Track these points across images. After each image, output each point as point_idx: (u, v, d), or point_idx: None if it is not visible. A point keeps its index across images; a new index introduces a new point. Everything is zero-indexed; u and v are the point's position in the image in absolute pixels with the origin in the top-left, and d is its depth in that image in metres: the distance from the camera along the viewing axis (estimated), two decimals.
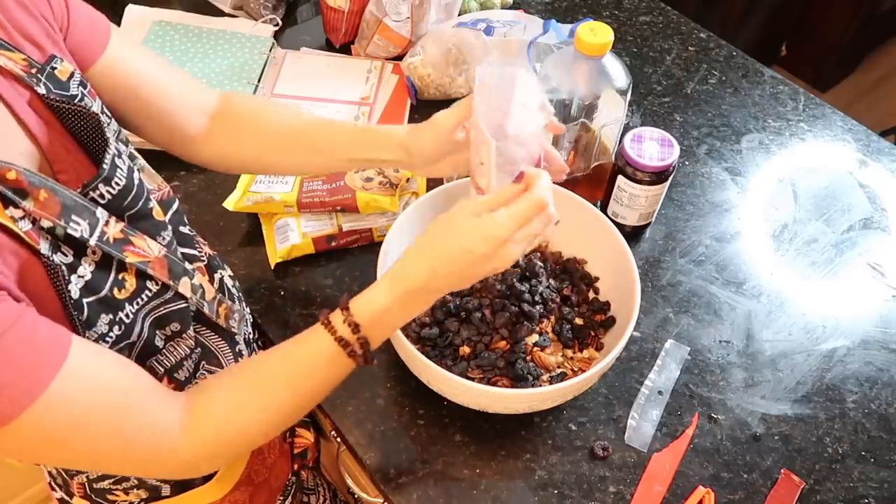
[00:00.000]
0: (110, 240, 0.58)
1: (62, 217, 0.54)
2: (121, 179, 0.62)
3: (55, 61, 0.61)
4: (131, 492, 0.75)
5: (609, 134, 0.94)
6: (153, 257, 0.62)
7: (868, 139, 1.14)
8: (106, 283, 0.58)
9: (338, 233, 0.95)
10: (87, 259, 0.57)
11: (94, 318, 0.57)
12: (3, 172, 0.51)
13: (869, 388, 0.87)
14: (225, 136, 0.80)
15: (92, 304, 0.57)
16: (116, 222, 0.60)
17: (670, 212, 1.03)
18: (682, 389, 0.86)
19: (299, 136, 0.80)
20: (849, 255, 1.00)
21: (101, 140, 0.62)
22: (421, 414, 0.83)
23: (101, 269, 0.58)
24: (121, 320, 0.60)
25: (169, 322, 0.67)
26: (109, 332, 0.59)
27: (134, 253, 0.60)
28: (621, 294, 0.83)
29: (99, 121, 0.61)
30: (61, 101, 0.59)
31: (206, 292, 0.72)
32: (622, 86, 0.88)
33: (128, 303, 0.60)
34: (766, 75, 1.23)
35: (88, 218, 0.57)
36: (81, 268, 0.56)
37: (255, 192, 0.96)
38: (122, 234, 0.60)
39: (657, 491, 0.78)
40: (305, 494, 0.99)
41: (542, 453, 0.81)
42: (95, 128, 0.62)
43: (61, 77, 0.61)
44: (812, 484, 0.79)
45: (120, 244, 0.59)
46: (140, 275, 0.62)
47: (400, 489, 0.78)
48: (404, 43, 1.18)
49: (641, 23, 1.31)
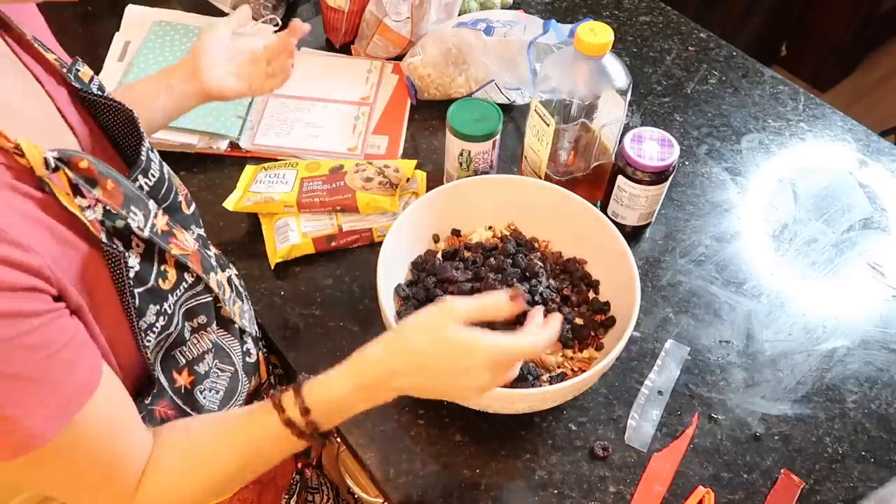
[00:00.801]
0: (159, 231, 0.59)
1: (124, 206, 0.55)
2: (155, 172, 0.63)
3: (78, 63, 0.63)
4: None
5: (609, 134, 0.94)
6: (191, 250, 0.64)
7: (868, 139, 1.14)
8: (151, 275, 0.59)
9: (338, 233, 0.95)
10: (133, 251, 0.57)
11: (144, 307, 0.58)
12: (76, 161, 0.52)
13: (869, 388, 0.87)
14: None
15: (142, 294, 0.58)
16: (162, 215, 0.61)
17: (670, 212, 1.03)
18: (682, 389, 0.86)
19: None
20: (849, 255, 1.00)
21: (134, 133, 0.64)
22: (421, 414, 0.83)
23: (146, 260, 0.59)
24: (164, 311, 0.61)
25: (196, 315, 0.68)
26: (156, 322, 0.60)
27: (176, 245, 0.62)
28: (621, 294, 0.83)
29: (132, 115, 0.63)
30: (95, 95, 0.61)
31: (226, 289, 0.74)
32: (622, 86, 0.88)
33: (170, 294, 0.62)
34: (766, 75, 1.23)
35: (143, 209, 0.58)
36: (131, 259, 0.57)
37: (255, 193, 0.96)
38: (167, 227, 0.61)
39: (657, 491, 0.78)
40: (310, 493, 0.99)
41: (542, 453, 0.81)
42: (128, 122, 0.63)
43: (84, 78, 0.63)
44: (812, 484, 0.79)
45: (166, 236, 0.61)
46: (178, 266, 0.63)
47: (400, 489, 0.78)
48: (404, 43, 1.18)
49: (641, 23, 1.31)
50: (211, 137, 1.06)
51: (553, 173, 0.97)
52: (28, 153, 0.49)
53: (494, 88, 1.11)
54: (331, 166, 0.98)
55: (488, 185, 0.91)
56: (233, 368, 0.76)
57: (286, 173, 0.98)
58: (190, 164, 1.05)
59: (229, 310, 0.74)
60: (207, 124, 1.06)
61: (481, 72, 1.10)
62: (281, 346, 0.88)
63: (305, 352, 0.88)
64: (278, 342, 0.88)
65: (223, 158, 1.07)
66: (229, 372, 0.75)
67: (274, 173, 0.98)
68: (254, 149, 1.07)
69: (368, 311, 0.91)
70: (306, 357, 0.87)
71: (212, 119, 1.06)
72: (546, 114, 0.90)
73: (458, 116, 0.97)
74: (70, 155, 0.52)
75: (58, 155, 0.51)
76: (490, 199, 0.92)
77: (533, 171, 1.00)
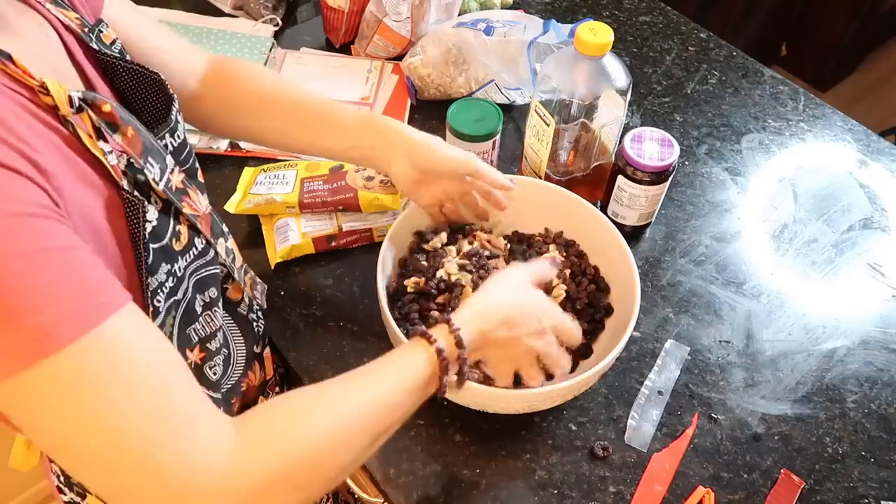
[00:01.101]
0: (173, 188, 0.59)
1: (142, 157, 0.55)
2: (181, 134, 0.64)
3: (102, 25, 0.62)
4: None
5: (609, 134, 0.94)
6: (202, 212, 0.64)
7: (868, 139, 1.14)
8: (167, 232, 0.58)
9: (338, 233, 0.95)
10: (153, 206, 0.57)
11: (157, 265, 0.57)
12: (100, 104, 0.52)
13: (869, 388, 0.87)
14: (216, 102, 0.81)
15: (156, 251, 0.57)
16: (179, 172, 0.61)
17: (670, 212, 1.03)
18: (682, 389, 0.86)
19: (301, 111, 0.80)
20: (849, 255, 1.00)
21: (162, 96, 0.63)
22: (421, 414, 0.83)
23: (163, 216, 0.58)
24: (174, 272, 0.60)
25: (208, 287, 0.67)
26: (166, 281, 0.58)
27: (189, 205, 0.61)
28: (621, 294, 0.83)
29: (159, 78, 0.63)
30: (117, 59, 0.61)
31: (237, 258, 0.73)
32: (622, 86, 0.88)
33: (181, 256, 0.61)
34: (766, 75, 1.23)
35: (160, 162, 0.58)
36: (150, 212, 0.56)
37: (256, 195, 0.96)
38: (182, 185, 0.61)
39: (657, 491, 0.78)
40: None
41: (542, 453, 0.81)
42: (154, 85, 0.63)
43: (106, 40, 0.62)
44: (812, 484, 0.79)
45: (180, 193, 0.60)
46: (191, 228, 0.62)
47: (400, 489, 0.78)
48: (404, 43, 1.18)
49: (641, 23, 1.31)
50: (211, 137, 1.06)
51: (553, 173, 0.97)
52: (53, 91, 0.48)
53: (494, 88, 1.11)
54: (331, 166, 0.98)
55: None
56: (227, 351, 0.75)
57: (286, 174, 0.98)
58: None
59: (240, 280, 0.73)
60: None
61: (481, 72, 1.10)
62: (281, 347, 0.88)
63: (305, 352, 0.88)
64: (278, 342, 0.88)
65: (223, 158, 1.07)
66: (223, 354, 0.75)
67: (274, 174, 0.98)
68: (254, 149, 1.07)
69: (368, 311, 0.91)
70: (306, 357, 0.87)
71: None
72: (546, 114, 0.90)
73: (458, 116, 0.97)
74: (94, 98, 0.52)
75: (82, 96, 0.51)
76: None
77: (533, 171, 1.00)
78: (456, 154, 0.79)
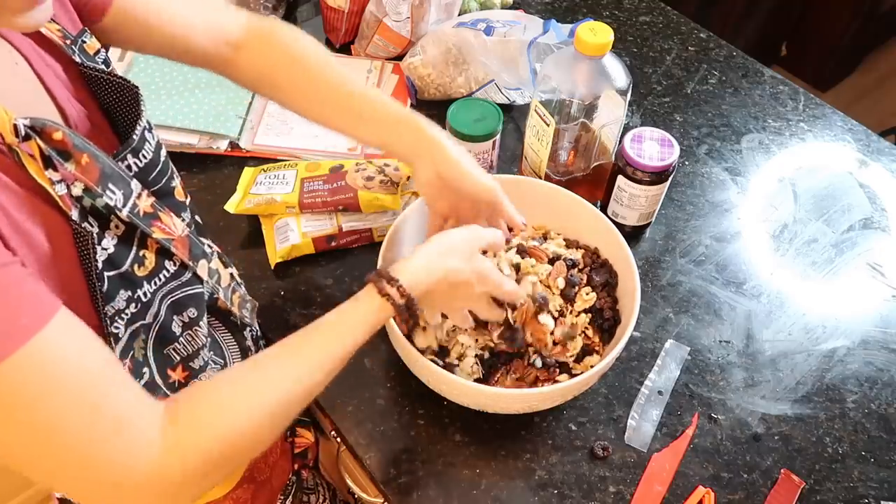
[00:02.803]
0: (141, 213, 0.58)
1: (100, 183, 0.53)
2: (148, 153, 0.61)
3: (85, 35, 0.61)
4: None
5: (609, 134, 0.94)
6: (177, 235, 0.62)
7: (868, 139, 1.14)
8: (127, 259, 0.57)
9: (338, 233, 0.95)
10: (111, 232, 0.56)
11: (114, 292, 0.56)
12: (51, 132, 0.50)
13: (869, 388, 0.87)
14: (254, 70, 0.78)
15: (112, 278, 0.56)
16: (148, 196, 0.59)
17: (670, 212, 1.03)
18: (682, 389, 0.86)
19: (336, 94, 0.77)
20: (849, 255, 1.00)
21: (134, 111, 0.61)
22: (421, 414, 0.83)
23: (123, 243, 0.57)
24: (138, 298, 0.59)
25: (186, 307, 0.66)
26: (127, 308, 0.58)
27: (160, 229, 0.60)
28: (621, 294, 0.83)
29: (137, 92, 0.61)
30: (97, 71, 0.60)
31: (222, 278, 0.72)
32: (622, 86, 0.88)
33: (146, 281, 0.60)
34: (766, 75, 1.23)
35: (123, 188, 0.56)
36: (105, 240, 0.55)
37: (256, 195, 0.96)
38: (151, 209, 0.60)
39: (657, 491, 0.78)
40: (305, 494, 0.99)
41: (542, 453, 0.81)
42: (131, 99, 0.61)
43: (89, 51, 0.61)
44: (812, 484, 0.79)
45: (149, 218, 0.59)
46: (160, 253, 0.61)
47: (400, 489, 0.78)
48: (404, 43, 1.18)
49: (641, 23, 1.31)
50: (211, 137, 1.06)
51: (553, 173, 0.97)
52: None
53: (494, 88, 1.11)
54: (331, 166, 0.98)
55: None
56: (222, 361, 0.75)
57: (286, 174, 0.98)
58: (190, 164, 1.05)
59: (225, 300, 0.72)
60: (207, 124, 1.06)
61: (481, 72, 1.10)
62: None
63: None
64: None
65: (223, 158, 1.07)
66: (219, 365, 0.74)
67: (274, 174, 0.98)
68: (254, 149, 1.07)
69: None
70: None
71: (212, 119, 1.07)
72: (546, 114, 0.90)
73: (458, 116, 0.97)
74: (43, 124, 0.50)
75: (30, 123, 0.49)
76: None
77: (533, 171, 1.00)
78: (483, 180, 0.77)
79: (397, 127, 0.76)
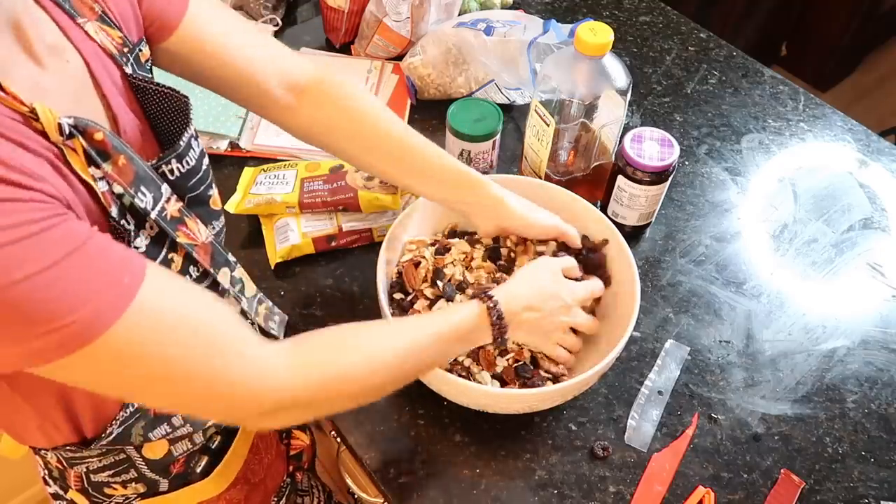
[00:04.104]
0: (168, 216, 0.59)
1: (133, 186, 0.55)
2: (192, 160, 0.63)
3: (142, 44, 0.63)
4: (129, 485, 0.75)
5: (609, 134, 0.94)
6: (200, 241, 0.63)
7: (868, 139, 1.14)
8: (156, 260, 0.59)
9: (338, 233, 0.95)
10: (145, 232, 0.58)
11: None
12: (92, 132, 0.52)
13: (869, 388, 0.87)
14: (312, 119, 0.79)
15: None
16: (176, 201, 0.61)
17: (670, 212, 1.03)
18: (682, 389, 0.86)
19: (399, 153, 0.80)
20: (849, 255, 1.00)
21: (181, 120, 0.64)
22: (421, 414, 0.83)
23: (155, 244, 0.59)
24: None
25: None
26: None
27: (185, 234, 0.61)
28: (621, 294, 0.83)
29: (186, 102, 0.63)
30: (147, 81, 0.62)
31: (247, 288, 0.73)
32: (622, 86, 0.88)
33: None
34: (766, 75, 1.23)
35: (154, 192, 0.58)
36: (139, 239, 0.57)
37: (256, 195, 0.96)
38: (178, 214, 0.61)
39: (657, 491, 0.78)
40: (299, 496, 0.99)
41: (542, 453, 0.81)
42: (179, 109, 0.64)
43: (142, 59, 0.63)
44: (812, 484, 0.79)
45: (175, 223, 0.60)
46: (186, 257, 0.63)
47: (400, 489, 0.78)
48: (404, 43, 1.18)
49: (641, 23, 1.31)
50: (211, 137, 1.06)
51: (553, 173, 0.97)
52: (42, 117, 0.49)
53: (494, 88, 1.11)
54: (331, 166, 0.98)
55: None
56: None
57: (286, 174, 0.98)
58: None
59: (248, 310, 0.73)
60: (207, 124, 1.06)
61: (481, 72, 1.10)
62: None
63: None
64: None
65: (223, 158, 1.07)
66: None
67: (274, 174, 0.98)
68: (254, 149, 1.07)
69: (368, 311, 0.91)
70: None
71: (212, 119, 1.07)
72: (546, 114, 0.90)
73: (458, 116, 0.97)
74: (86, 124, 0.52)
75: (73, 122, 0.51)
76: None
77: (533, 171, 1.00)
78: (547, 223, 0.82)
79: (456, 189, 0.80)
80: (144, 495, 0.77)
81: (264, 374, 0.55)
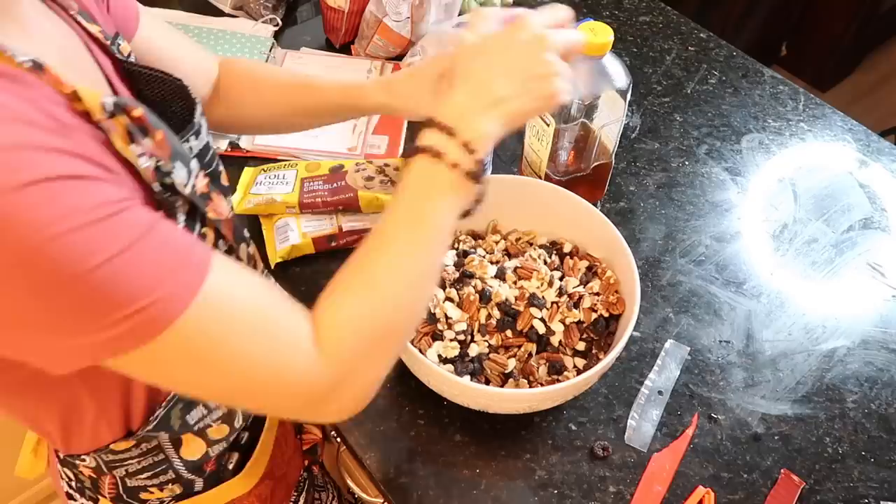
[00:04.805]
0: (198, 192, 0.59)
1: (171, 160, 0.55)
2: (204, 136, 0.65)
3: (119, 38, 0.64)
4: (166, 487, 0.74)
5: (609, 134, 0.94)
6: (225, 216, 0.64)
7: (868, 139, 1.14)
8: (194, 234, 0.59)
9: (338, 233, 0.95)
10: (182, 207, 0.58)
11: None
12: (131, 109, 0.52)
13: (869, 388, 0.87)
14: (227, 101, 0.83)
15: None
16: (204, 176, 0.61)
17: (670, 212, 1.03)
18: (682, 389, 0.86)
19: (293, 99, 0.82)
20: (849, 255, 1.00)
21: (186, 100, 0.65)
22: (421, 414, 0.83)
23: (190, 220, 0.59)
24: None
25: None
26: None
27: (212, 209, 0.62)
28: (621, 294, 0.83)
29: (182, 84, 0.64)
30: (141, 66, 0.62)
31: (258, 264, 0.73)
32: (622, 86, 0.88)
33: None
34: (766, 75, 1.23)
35: (187, 166, 0.58)
36: (179, 215, 0.57)
37: (256, 195, 0.96)
38: (206, 189, 0.61)
39: (657, 491, 0.78)
40: (317, 491, 0.99)
41: (542, 453, 0.81)
42: (178, 90, 0.64)
43: (124, 53, 0.64)
44: (812, 484, 0.79)
45: (204, 198, 0.60)
46: (215, 232, 0.63)
47: (400, 489, 0.78)
48: (404, 43, 1.18)
49: (641, 23, 1.31)
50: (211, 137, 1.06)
51: (553, 173, 0.97)
52: (85, 98, 0.49)
53: None
54: (331, 166, 0.98)
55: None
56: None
57: (286, 174, 0.98)
58: None
59: None
60: None
61: None
62: None
63: None
64: None
65: (223, 158, 1.06)
66: None
67: (274, 174, 0.98)
68: (254, 149, 1.07)
69: None
70: None
71: None
72: (546, 114, 0.90)
73: None
74: (125, 103, 0.52)
75: (115, 101, 0.51)
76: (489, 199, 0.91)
77: (533, 171, 1.00)
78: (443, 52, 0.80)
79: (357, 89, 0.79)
80: (181, 496, 0.76)
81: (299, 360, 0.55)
